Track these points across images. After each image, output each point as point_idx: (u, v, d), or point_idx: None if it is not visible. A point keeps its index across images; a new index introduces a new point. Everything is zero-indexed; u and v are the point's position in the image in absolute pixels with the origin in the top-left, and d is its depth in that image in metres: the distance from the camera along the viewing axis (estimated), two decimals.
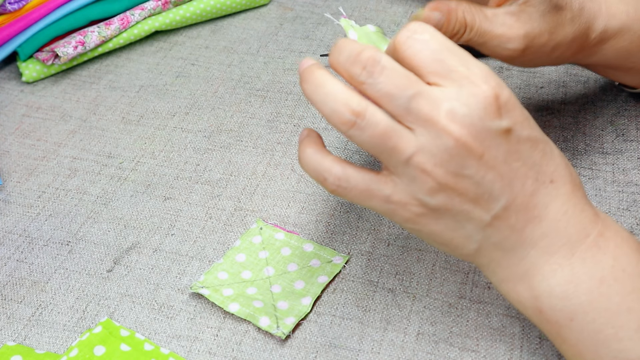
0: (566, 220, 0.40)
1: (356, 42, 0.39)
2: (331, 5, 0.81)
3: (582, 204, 0.41)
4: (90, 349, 0.48)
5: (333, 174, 0.40)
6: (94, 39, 0.72)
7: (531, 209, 0.39)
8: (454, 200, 0.39)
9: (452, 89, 0.37)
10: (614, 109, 0.65)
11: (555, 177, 0.40)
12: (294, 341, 0.49)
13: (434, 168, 0.38)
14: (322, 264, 0.53)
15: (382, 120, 0.38)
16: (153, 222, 0.57)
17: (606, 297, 0.39)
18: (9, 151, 0.65)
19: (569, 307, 0.39)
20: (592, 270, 0.39)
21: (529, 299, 0.41)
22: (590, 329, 0.39)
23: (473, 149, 0.37)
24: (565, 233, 0.40)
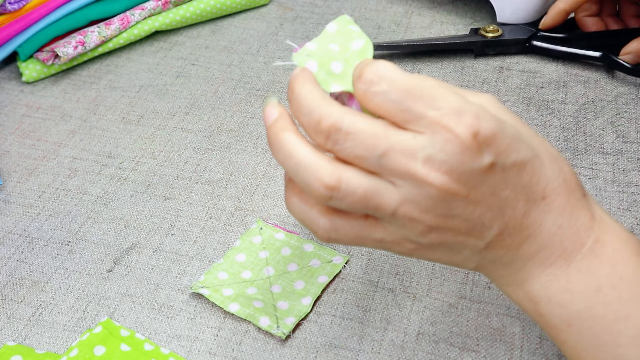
0: (561, 233, 0.39)
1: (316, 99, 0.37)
2: (331, 5, 0.81)
3: (578, 210, 0.40)
4: (90, 349, 0.48)
5: (321, 227, 0.38)
6: (94, 39, 0.72)
7: (525, 229, 0.39)
8: (447, 236, 0.38)
9: (426, 137, 0.35)
10: (614, 109, 0.65)
11: (547, 192, 0.39)
12: (294, 341, 0.49)
13: (421, 215, 0.37)
14: (322, 264, 0.53)
15: (359, 186, 0.36)
16: (153, 222, 0.57)
17: (603, 304, 0.38)
18: (9, 151, 0.65)
19: (567, 313, 0.39)
20: (588, 279, 0.39)
21: (528, 304, 0.41)
22: (588, 335, 0.39)
23: (457, 192, 0.36)
24: (560, 246, 0.39)
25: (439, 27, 0.77)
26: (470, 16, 0.78)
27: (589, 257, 0.39)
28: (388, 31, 0.77)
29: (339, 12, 0.80)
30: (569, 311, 0.39)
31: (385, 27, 0.77)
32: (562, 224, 0.39)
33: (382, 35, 0.76)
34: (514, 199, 0.38)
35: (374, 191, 0.36)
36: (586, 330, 0.39)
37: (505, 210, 0.38)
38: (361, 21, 0.78)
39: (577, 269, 0.39)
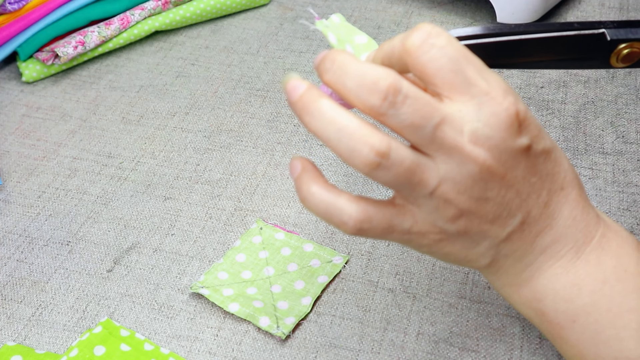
0: (575, 225, 0.40)
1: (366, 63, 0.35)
2: (331, 5, 0.81)
3: (588, 206, 0.41)
4: (90, 349, 0.48)
5: (353, 217, 0.35)
6: (94, 39, 0.72)
7: (544, 219, 0.39)
8: (473, 223, 0.37)
9: (472, 108, 0.34)
10: (614, 110, 0.65)
11: (565, 183, 0.40)
12: (294, 341, 0.49)
13: (457, 196, 0.36)
14: (322, 264, 0.53)
15: (407, 157, 0.34)
16: (153, 222, 0.57)
17: (609, 297, 0.39)
18: (9, 151, 0.65)
19: (572, 309, 0.39)
20: (595, 272, 0.39)
21: (532, 301, 0.41)
22: (592, 330, 0.39)
23: (496, 171, 0.36)
24: (573, 237, 0.40)
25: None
26: (470, 16, 0.78)
27: (597, 250, 0.40)
28: (388, 31, 0.77)
29: (339, 12, 0.80)
30: (574, 306, 0.39)
31: (385, 27, 0.77)
32: (576, 216, 0.40)
33: (382, 35, 0.76)
34: (540, 187, 0.38)
35: (419, 164, 0.35)
36: (591, 325, 0.39)
37: (530, 197, 0.38)
38: (361, 21, 0.78)
39: (586, 261, 0.40)
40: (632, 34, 0.42)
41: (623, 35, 0.42)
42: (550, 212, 0.39)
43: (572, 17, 0.77)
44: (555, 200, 0.39)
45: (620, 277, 0.39)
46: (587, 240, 0.40)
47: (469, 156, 0.35)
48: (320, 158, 0.62)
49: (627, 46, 0.42)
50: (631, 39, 0.42)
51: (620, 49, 0.42)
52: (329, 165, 0.61)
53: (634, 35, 0.42)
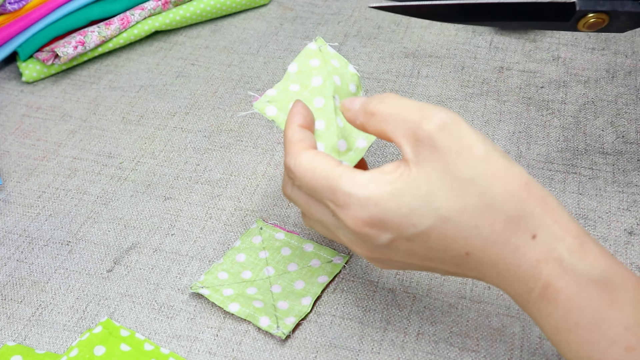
0: (502, 280, 0.39)
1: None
2: (331, 5, 0.81)
3: (518, 259, 0.38)
4: (90, 349, 0.48)
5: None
6: (94, 39, 0.72)
7: (468, 272, 0.40)
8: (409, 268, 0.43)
9: (336, 219, 0.41)
10: (614, 110, 0.65)
11: (469, 249, 0.39)
12: (294, 341, 0.49)
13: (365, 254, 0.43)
14: (322, 264, 0.53)
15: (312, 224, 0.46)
16: (153, 222, 0.57)
17: (565, 343, 0.38)
18: (9, 151, 0.65)
19: (546, 336, 0.40)
20: (546, 319, 0.38)
21: None
22: (568, 358, 0.39)
23: (378, 258, 0.42)
24: (509, 289, 0.39)
25: (439, 27, 0.77)
26: None
27: (542, 302, 0.38)
28: (388, 31, 0.77)
29: (339, 12, 0.80)
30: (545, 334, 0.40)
31: (385, 27, 0.77)
32: (500, 273, 0.39)
33: (382, 35, 0.76)
34: (434, 257, 0.40)
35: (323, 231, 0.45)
36: (563, 353, 0.39)
37: (436, 261, 0.40)
38: (361, 21, 0.78)
39: (536, 308, 0.39)
40: (600, 6, 0.48)
41: (591, 7, 0.48)
42: (467, 270, 0.40)
43: None
44: (465, 264, 0.40)
45: (571, 329, 0.38)
46: (524, 291, 0.39)
47: (349, 247, 0.43)
48: None
49: (594, 16, 0.48)
50: (598, 10, 0.48)
51: (588, 18, 0.48)
52: None
53: (601, 7, 0.48)
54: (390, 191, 0.38)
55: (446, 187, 0.38)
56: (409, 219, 0.38)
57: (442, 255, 0.39)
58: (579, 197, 0.57)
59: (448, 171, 0.38)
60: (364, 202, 0.39)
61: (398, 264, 0.42)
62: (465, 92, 0.68)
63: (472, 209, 0.38)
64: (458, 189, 0.38)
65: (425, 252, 0.40)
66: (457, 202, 0.38)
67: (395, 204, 0.38)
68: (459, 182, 0.38)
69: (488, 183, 0.38)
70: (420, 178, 0.38)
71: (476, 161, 0.38)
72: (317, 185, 0.41)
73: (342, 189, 0.40)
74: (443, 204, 0.38)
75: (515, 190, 0.38)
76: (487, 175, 0.38)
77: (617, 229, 0.55)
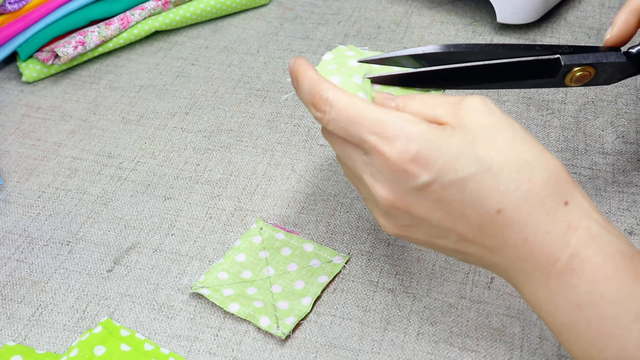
0: (527, 246, 0.38)
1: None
2: (331, 5, 0.81)
3: (548, 223, 0.38)
4: (90, 349, 0.48)
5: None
6: (94, 39, 0.72)
7: (487, 240, 0.39)
8: (414, 237, 0.43)
9: (369, 157, 0.40)
10: (614, 110, 0.65)
11: (502, 205, 0.38)
12: (294, 341, 0.49)
13: (378, 218, 0.43)
14: (322, 264, 0.53)
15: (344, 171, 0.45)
16: (153, 222, 0.57)
17: (585, 321, 0.37)
18: (9, 151, 0.65)
19: (556, 323, 0.39)
20: (568, 295, 0.38)
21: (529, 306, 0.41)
22: (577, 345, 0.38)
23: (397, 206, 0.40)
24: (531, 258, 0.38)
25: (439, 27, 0.77)
26: (470, 16, 0.78)
27: (567, 273, 0.38)
28: (388, 31, 0.77)
29: (339, 12, 0.80)
30: (556, 321, 0.39)
31: (385, 27, 0.77)
32: (527, 238, 0.38)
33: (382, 35, 0.76)
34: (462, 213, 0.39)
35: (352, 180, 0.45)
36: (574, 341, 0.38)
37: (456, 223, 0.40)
38: (361, 21, 0.78)
39: (557, 282, 0.38)
40: (584, 59, 0.47)
41: (576, 60, 0.47)
42: (489, 233, 0.39)
43: (572, 17, 0.77)
44: (491, 223, 0.39)
45: (596, 303, 0.37)
46: (550, 261, 0.38)
47: (370, 190, 0.41)
48: (320, 158, 0.62)
49: (580, 70, 0.47)
50: (583, 63, 0.47)
51: (574, 72, 0.48)
52: (329, 165, 0.61)
53: (585, 61, 0.47)
54: (440, 132, 0.39)
55: (489, 141, 0.39)
56: (453, 161, 0.38)
57: (470, 212, 0.39)
58: None
59: (489, 130, 0.39)
60: (415, 136, 0.39)
61: (412, 224, 0.41)
62: (465, 92, 0.68)
63: (512, 164, 0.38)
64: (500, 144, 0.39)
65: (454, 207, 0.39)
66: (499, 154, 0.38)
67: (444, 143, 0.38)
68: (501, 138, 0.39)
69: (527, 145, 0.39)
70: (466, 129, 0.39)
71: (513, 127, 0.40)
72: (360, 118, 0.40)
73: (392, 121, 0.39)
74: (486, 154, 0.38)
75: (550, 157, 0.39)
76: (525, 139, 0.39)
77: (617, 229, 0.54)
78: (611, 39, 0.50)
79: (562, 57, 0.47)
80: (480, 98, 0.40)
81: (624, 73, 0.49)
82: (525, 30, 0.75)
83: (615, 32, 0.50)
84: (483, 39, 0.75)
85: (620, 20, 0.50)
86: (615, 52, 0.49)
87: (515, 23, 0.74)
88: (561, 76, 0.48)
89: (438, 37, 0.75)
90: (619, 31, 0.50)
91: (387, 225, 0.43)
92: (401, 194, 0.40)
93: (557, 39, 0.74)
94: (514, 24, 0.76)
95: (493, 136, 0.39)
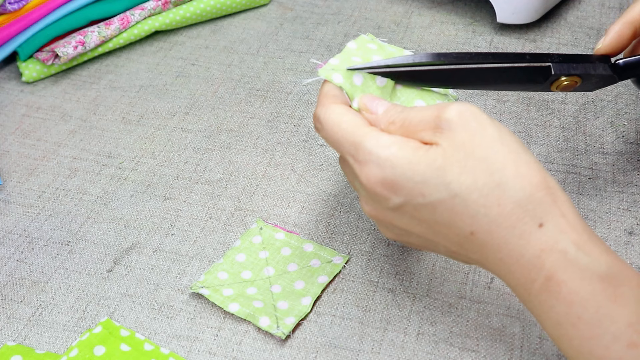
0: (505, 266, 0.39)
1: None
2: (331, 5, 0.81)
3: (521, 246, 0.38)
4: (90, 349, 0.48)
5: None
6: (94, 39, 0.72)
7: (470, 254, 0.40)
8: (409, 243, 0.45)
9: (357, 172, 0.42)
10: (614, 110, 0.65)
11: (474, 228, 0.39)
12: (294, 341, 0.49)
13: (379, 226, 0.45)
14: (322, 264, 0.53)
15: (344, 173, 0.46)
16: (153, 222, 0.57)
17: (567, 338, 0.38)
18: (9, 151, 0.65)
19: (547, 330, 0.39)
20: (548, 313, 0.38)
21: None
22: (569, 353, 0.39)
23: (383, 219, 0.43)
24: (511, 277, 0.39)
25: (439, 27, 0.77)
26: (470, 16, 0.78)
27: (544, 293, 0.38)
28: (388, 31, 0.77)
29: (339, 12, 0.80)
30: (546, 329, 0.39)
31: (385, 27, 0.77)
32: (502, 259, 0.39)
33: (382, 35, 0.76)
34: (439, 231, 0.40)
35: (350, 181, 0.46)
36: (565, 350, 0.39)
37: (438, 237, 0.41)
38: (361, 21, 0.78)
39: (538, 300, 0.38)
40: (573, 69, 0.48)
41: (565, 70, 0.48)
42: (470, 249, 0.40)
43: (572, 17, 0.77)
44: (468, 243, 0.40)
45: (574, 323, 0.37)
46: (527, 281, 0.38)
47: (361, 204, 0.44)
48: (320, 158, 0.62)
49: (567, 79, 0.48)
50: (572, 73, 0.48)
51: (561, 80, 0.49)
52: (329, 165, 0.61)
53: (574, 71, 0.48)
54: (409, 157, 0.40)
55: (459, 164, 0.39)
56: (420, 188, 0.39)
57: (446, 231, 0.40)
58: (579, 197, 0.57)
59: (462, 149, 0.39)
60: (382, 162, 0.40)
61: (401, 233, 0.43)
62: (465, 92, 0.68)
63: (482, 187, 0.38)
64: (470, 166, 0.38)
65: (430, 225, 0.40)
66: (468, 178, 0.38)
67: (410, 170, 0.39)
68: (472, 159, 0.38)
69: (500, 164, 0.38)
70: (437, 152, 0.39)
71: (490, 142, 0.39)
72: (340, 139, 0.42)
73: (364, 145, 0.41)
74: (454, 179, 0.38)
75: (526, 175, 0.38)
76: (499, 157, 0.38)
77: (617, 229, 0.55)
78: (602, 49, 0.50)
79: (553, 65, 0.48)
80: (461, 110, 0.40)
81: (608, 83, 0.50)
82: (525, 30, 0.75)
83: (607, 43, 0.50)
84: (483, 39, 0.75)
85: (613, 32, 0.50)
86: (604, 63, 0.50)
87: (515, 23, 0.74)
88: (548, 83, 0.49)
89: (438, 37, 0.75)
90: (611, 42, 0.50)
91: (384, 231, 0.45)
92: (382, 211, 0.42)
93: (557, 38, 0.74)
94: (514, 24, 0.76)
95: (465, 156, 0.39)
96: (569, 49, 0.72)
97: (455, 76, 0.47)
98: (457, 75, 0.47)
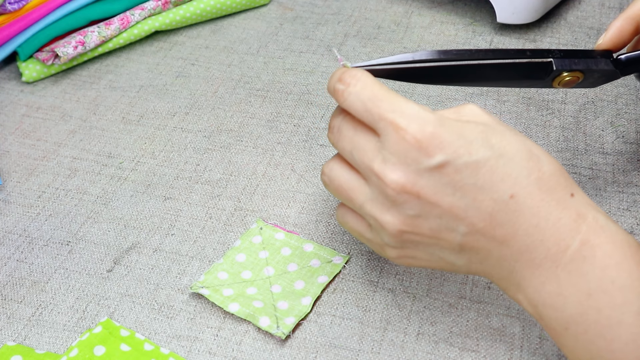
0: (539, 233, 0.39)
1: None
2: (331, 5, 0.81)
3: (559, 210, 0.39)
4: (90, 349, 0.48)
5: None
6: (94, 39, 0.72)
7: (497, 228, 0.39)
8: (415, 237, 0.41)
9: (383, 138, 0.40)
10: (614, 109, 0.65)
11: (515, 190, 0.39)
12: (294, 341, 0.49)
13: (383, 215, 0.41)
14: (322, 264, 0.53)
15: (339, 176, 0.43)
16: (153, 222, 0.57)
17: (595, 310, 0.37)
18: (9, 151, 0.65)
19: (563, 317, 0.39)
20: (578, 283, 0.38)
21: (527, 306, 0.41)
22: (584, 339, 0.38)
23: (408, 190, 0.40)
24: (542, 246, 0.39)
25: (439, 27, 0.77)
26: (470, 16, 0.78)
27: (578, 260, 0.38)
28: (388, 31, 0.77)
29: (339, 12, 0.80)
30: (563, 315, 0.39)
31: (385, 27, 0.77)
32: (539, 224, 0.39)
33: (382, 35, 0.76)
34: (474, 198, 0.39)
35: (348, 183, 0.43)
36: (581, 334, 0.38)
37: (468, 210, 0.39)
38: (361, 21, 0.78)
39: (567, 271, 0.38)
40: (575, 65, 0.48)
41: (567, 66, 0.48)
42: (501, 220, 0.39)
43: (572, 17, 0.77)
44: (504, 209, 0.39)
45: (607, 290, 0.37)
46: (561, 248, 0.38)
47: (380, 177, 0.40)
48: (321, 158, 0.62)
49: (569, 74, 0.48)
50: (573, 69, 0.48)
51: (563, 76, 0.48)
52: None
53: (576, 66, 0.48)
54: (454, 120, 0.40)
55: (499, 133, 0.40)
56: (468, 145, 0.39)
57: (482, 197, 0.39)
58: None
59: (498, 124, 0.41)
60: (431, 119, 0.39)
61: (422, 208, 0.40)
62: (465, 92, 0.68)
63: (522, 154, 0.40)
64: (509, 136, 0.40)
65: (466, 192, 0.39)
66: (509, 144, 0.40)
67: (459, 129, 0.39)
68: (509, 132, 0.40)
69: (529, 142, 0.41)
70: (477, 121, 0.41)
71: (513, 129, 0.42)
72: (383, 95, 0.40)
73: (412, 106, 0.40)
74: (498, 142, 0.40)
75: (552, 158, 0.41)
76: (527, 140, 0.41)
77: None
78: (603, 44, 0.50)
79: (554, 61, 0.48)
80: (476, 105, 0.42)
81: (610, 78, 0.50)
82: (525, 30, 0.75)
83: (608, 38, 0.50)
84: (483, 39, 0.75)
85: (614, 27, 0.50)
86: (606, 58, 0.49)
87: (515, 23, 0.74)
88: (550, 79, 0.49)
89: (438, 37, 0.75)
90: (612, 37, 0.50)
91: (392, 221, 0.41)
92: (413, 176, 0.39)
93: (557, 38, 0.74)
94: (514, 24, 0.76)
95: (502, 130, 0.40)
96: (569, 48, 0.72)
97: (456, 73, 0.47)
98: (457, 72, 0.47)
